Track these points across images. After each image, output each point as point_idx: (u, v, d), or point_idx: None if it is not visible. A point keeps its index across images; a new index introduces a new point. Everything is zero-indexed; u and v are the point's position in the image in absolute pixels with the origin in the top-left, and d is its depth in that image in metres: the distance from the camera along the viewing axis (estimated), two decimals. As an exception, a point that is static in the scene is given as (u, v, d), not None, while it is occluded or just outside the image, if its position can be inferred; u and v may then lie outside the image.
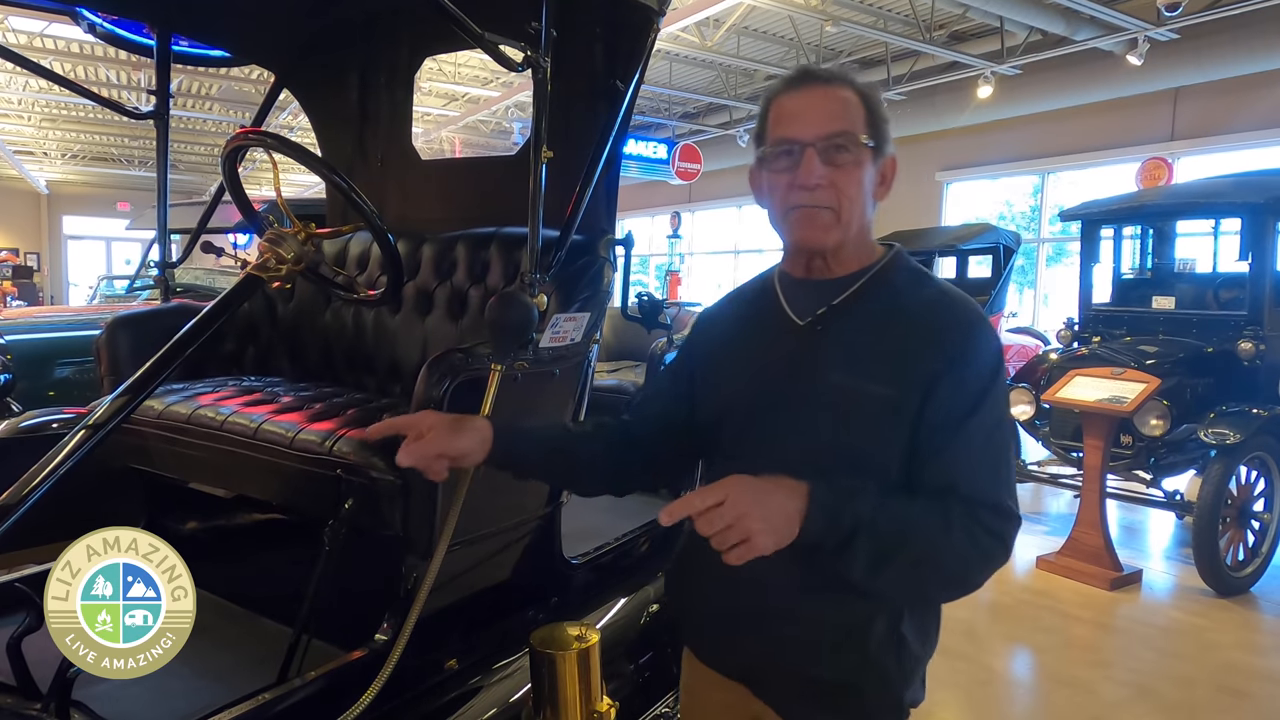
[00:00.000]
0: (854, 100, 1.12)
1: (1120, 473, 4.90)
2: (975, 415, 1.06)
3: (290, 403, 1.85)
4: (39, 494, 1.06)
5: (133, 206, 19.33)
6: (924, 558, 1.03)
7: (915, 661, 1.15)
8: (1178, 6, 7.84)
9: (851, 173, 1.11)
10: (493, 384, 1.44)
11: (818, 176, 1.09)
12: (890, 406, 1.07)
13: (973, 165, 11.96)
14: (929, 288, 1.16)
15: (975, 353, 1.08)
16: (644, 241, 18.50)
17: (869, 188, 1.14)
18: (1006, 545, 1.06)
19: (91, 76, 12.24)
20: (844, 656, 1.13)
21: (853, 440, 1.09)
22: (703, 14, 8.57)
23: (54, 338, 4.59)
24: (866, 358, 1.10)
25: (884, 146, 1.14)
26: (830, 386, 1.11)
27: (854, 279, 1.17)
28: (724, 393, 1.23)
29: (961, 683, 3.30)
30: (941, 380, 1.06)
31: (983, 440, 1.07)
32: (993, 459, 1.08)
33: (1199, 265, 6.28)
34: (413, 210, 2.52)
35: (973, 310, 1.13)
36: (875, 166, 1.14)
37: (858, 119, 1.11)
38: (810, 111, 1.11)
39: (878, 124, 1.13)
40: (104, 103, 2.50)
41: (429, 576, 1.36)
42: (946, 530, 1.02)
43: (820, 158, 1.09)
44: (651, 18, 1.93)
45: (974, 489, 1.05)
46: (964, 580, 1.08)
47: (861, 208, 1.14)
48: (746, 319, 1.28)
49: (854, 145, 1.10)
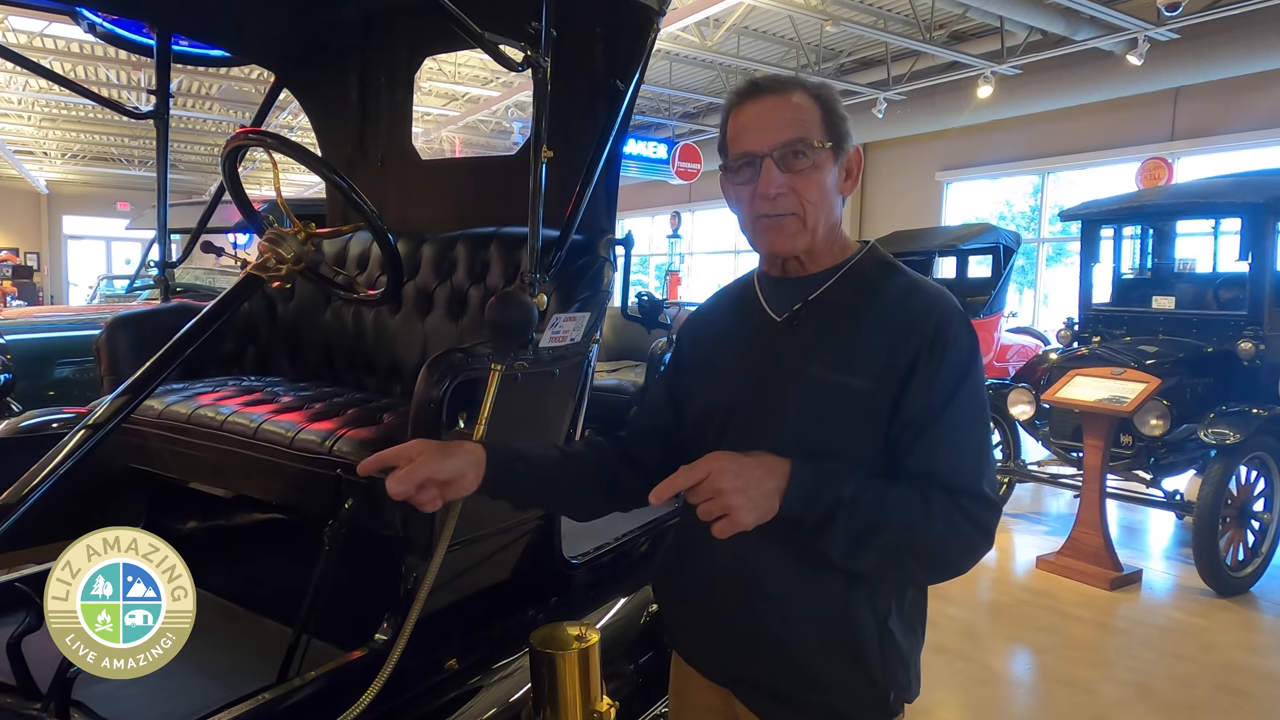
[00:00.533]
0: (806, 103, 1.13)
1: (1120, 473, 4.90)
2: (953, 404, 1.07)
3: (290, 403, 1.86)
4: (39, 494, 1.06)
5: (133, 206, 19.35)
6: (904, 539, 1.04)
7: (903, 659, 1.15)
8: (1178, 6, 7.84)
9: (811, 176, 1.12)
10: (493, 384, 1.44)
11: (777, 185, 1.11)
12: (866, 398, 1.09)
13: (973, 165, 11.96)
14: (903, 280, 1.17)
15: (950, 342, 1.09)
16: (644, 241, 18.50)
17: (832, 187, 1.15)
18: (988, 534, 1.07)
19: (91, 76, 12.24)
20: (829, 659, 1.13)
21: (829, 433, 1.11)
22: (703, 14, 8.58)
23: (54, 338, 4.59)
24: (842, 350, 1.12)
25: (844, 144, 1.15)
26: (808, 380, 1.13)
27: (829, 274, 1.19)
28: (708, 392, 1.25)
29: (961, 683, 3.30)
30: (917, 371, 1.07)
31: (962, 429, 1.08)
32: (973, 447, 1.09)
33: (1199, 265, 6.28)
34: (413, 210, 2.52)
35: (947, 301, 1.14)
36: (837, 164, 1.16)
37: (812, 122, 1.12)
38: (763, 122, 1.13)
39: (834, 122, 1.14)
40: (104, 103, 2.50)
41: (429, 576, 1.36)
42: (927, 514, 1.03)
43: (778, 166, 1.11)
44: (651, 18, 1.93)
45: (955, 477, 1.06)
46: (944, 563, 1.09)
47: (827, 208, 1.15)
48: (729, 319, 1.31)
49: (810, 150, 1.11)
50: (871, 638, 1.12)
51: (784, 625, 1.14)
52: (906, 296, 1.14)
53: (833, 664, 1.13)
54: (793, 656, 1.14)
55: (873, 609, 1.12)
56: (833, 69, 11.28)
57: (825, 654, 1.13)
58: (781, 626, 1.14)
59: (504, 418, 1.47)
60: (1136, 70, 8.62)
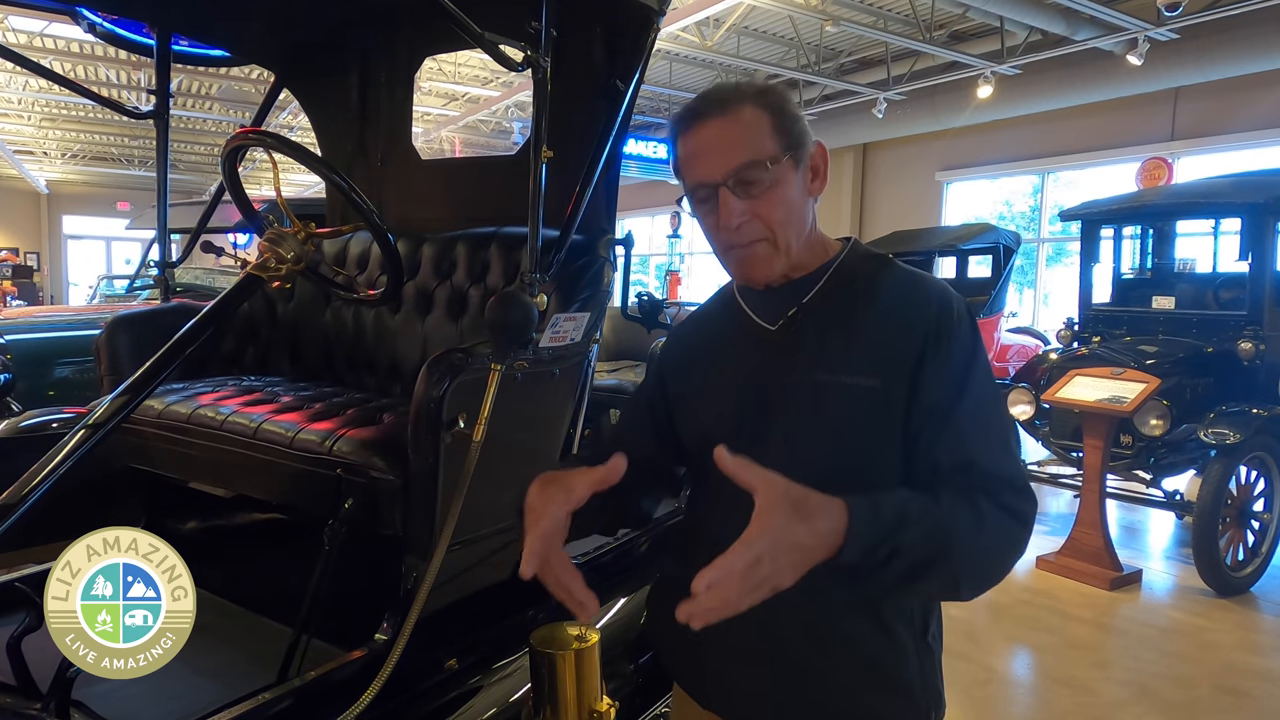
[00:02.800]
0: (752, 116, 1.06)
1: (1120, 473, 4.90)
2: (969, 388, 1.02)
3: (290, 402, 1.86)
4: (39, 494, 1.06)
5: (133, 206, 19.34)
6: (960, 563, 0.96)
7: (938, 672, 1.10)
8: (1178, 6, 7.84)
9: (771, 196, 1.05)
10: (493, 384, 1.44)
11: (738, 215, 1.05)
12: (877, 397, 1.04)
13: (973, 165, 11.96)
14: (895, 272, 1.13)
15: (952, 328, 1.04)
16: (644, 241, 18.49)
17: (799, 197, 1.09)
18: (1029, 527, 1.01)
19: (91, 76, 12.23)
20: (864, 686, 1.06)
21: (847, 438, 1.05)
22: (703, 14, 8.57)
23: (54, 338, 4.59)
24: (845, 351, 1.07)
25: (800, 147, 1.08)
26: (814, 385, 1.07)
27: (818, 276, 1.13)
28: (705, 414, 1.18)
29: (961, 683, 3.30)
30: (926, 360, 1.03)
31: (985, 412, 1.04)
32: (1000, 431, 1.04)
33: (1199, 265, 6.27)
34: (413, 210, 2.52)
35: (940, 287, 1.09)
36: (798, 172, 1.09)
37: (762, 136, 1.05)
38: (710, 149, 1.06)
39: (787, 127, 1.07)
40: (104, 102, 2.51)
41: (429, 576, 1.36)
42: (978, 528, 0.96)
43: (735, 194, 1.04)
44: (651, 18, 1.92)
45: (991, 463, 1.00)
46: (993, 575, 1.01)
47: (797, 223, 1.09)
48: (714, 337, 1.23)
49: (764, 170, 1.04)
50: (910, 655, 1.06)
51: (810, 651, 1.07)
52: (903, 288, 1.10)
53: (868, 692, 1.06)
54: (822, 688, 1.07)
55: (910, 624, 1.06)
56: (833, 69, 11.27)
57: (858, 681, 1.06)
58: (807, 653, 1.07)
59: (504, 418, 1.47)
60: (1136, 70, 8.61)
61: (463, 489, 1.38)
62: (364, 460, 1.54)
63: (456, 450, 1.45)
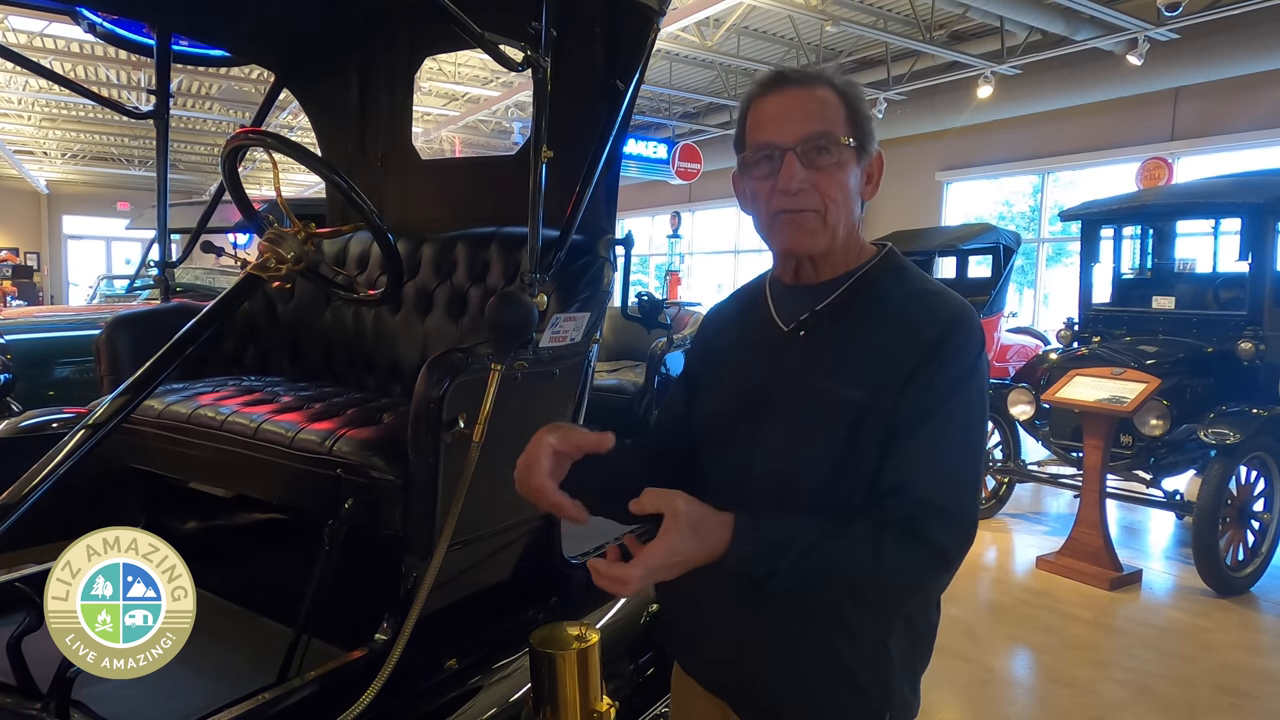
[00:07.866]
0: (833, 100, 1.09)
1: (1120, 473, 4.90)
2: (942, 411, 1.01)
3: (290, 402, 1.86)
4: (39, 494, 1.06)
5: (133, 206, 19.32)
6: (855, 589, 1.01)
7: (902, 678, 1.11)
8: (1178, 6, 7.85)
9: (834, 174, 1.07)
10: (493, 384, 1.44)
11: (799, 180, 1.06)
12: (862, 411, 1.03)
13: (972, 165, 11.96)
14: (912, 287, 1.12)
15: (950, 349, 1.03)
16: (644, 241, 18.50)
17: (854, 188, 1.11)
18: (948, 559, 1.00)
19: (91, 76, 12.23)
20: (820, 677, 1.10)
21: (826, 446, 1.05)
22: (703, 14, 8.58)
23: (54, 338, 4.59)
24: (845, 361, 1.07)
25: (867, 145, 1.11)
26: (808, 391, 1.08)
27: (839, 282, 1.14)
28: (713, 403, 1.21)
29: (961, 683, 3.30)
30: (912, 378, 1.02)
31: (950, 437, 1.02)
32: (956, 460, 1.02)
33: (1199, 265, 6.27)
34: (413, 210, 2.52)
35: (957, 307, 1.07)
36: (860, 166, 1.11)
37: (838, 119, 1.08)
38: (788, 114, 1.08)
39: (860, 122, 1.10)
40: (104, 102, 2.51)
41: (429, 576, 1.36)
42: (877, 561, 0.97)
43: (801, 161, 1.06)
44: (651, 18, 1.93)
45: (929, 489, 1.00)
46: (898, 603, 1.07)
47: (847, 209, 1.10)
48: (740, 325, 1.26)
49: (835, 146, 1.07)
50: (866, 656, 1.08)
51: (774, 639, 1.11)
52: (912, 304, 1.09)
53: (824, 681, 1.10)
54: (784, 671, 1.11)
55: (875, 626, 1.08)
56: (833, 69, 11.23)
57: (816, 671, 1.10)
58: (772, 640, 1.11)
59: (504, 418, 1.47)
60: (1136, 70, 8.62)
61: (463, 489, 1.38)
62: (364, 460, 1.54)
63: (456, 450, 1.46)
